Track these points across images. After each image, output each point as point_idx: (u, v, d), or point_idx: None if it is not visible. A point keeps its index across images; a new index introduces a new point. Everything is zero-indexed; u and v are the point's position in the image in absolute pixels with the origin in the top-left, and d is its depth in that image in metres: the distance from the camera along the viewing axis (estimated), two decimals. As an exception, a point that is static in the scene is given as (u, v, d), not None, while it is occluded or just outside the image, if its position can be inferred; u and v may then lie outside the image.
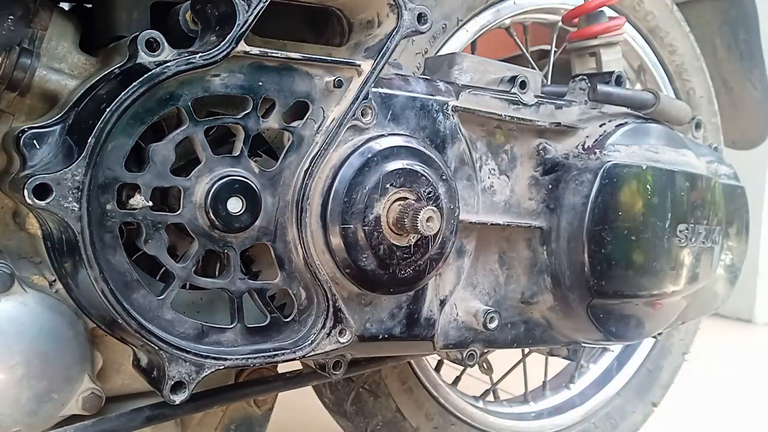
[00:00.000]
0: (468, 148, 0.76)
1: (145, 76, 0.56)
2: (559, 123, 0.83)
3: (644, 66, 1.26)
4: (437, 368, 1.13)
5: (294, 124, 0.66)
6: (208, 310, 0.71)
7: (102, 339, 0.68)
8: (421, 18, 0.69)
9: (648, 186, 0.84)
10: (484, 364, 1.16)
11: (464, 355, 0.81)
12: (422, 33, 0.71)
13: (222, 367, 0.62)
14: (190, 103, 0.60)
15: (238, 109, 0.64)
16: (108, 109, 0.55)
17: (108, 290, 0.57)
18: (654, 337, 1.12)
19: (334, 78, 0.66)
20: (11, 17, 0.60)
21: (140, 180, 0.59)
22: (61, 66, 0.64)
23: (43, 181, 0.54)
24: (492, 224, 0.79)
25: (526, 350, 1.22)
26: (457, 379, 1.20)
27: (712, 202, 0.93)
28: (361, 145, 0.67)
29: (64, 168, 0.54)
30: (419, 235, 0.67)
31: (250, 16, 0.60)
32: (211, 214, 0.61)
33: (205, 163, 0.61)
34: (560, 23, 1.13)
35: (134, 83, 0.56)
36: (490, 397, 1.23)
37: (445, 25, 0.96)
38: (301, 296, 0.68)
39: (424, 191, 0.68)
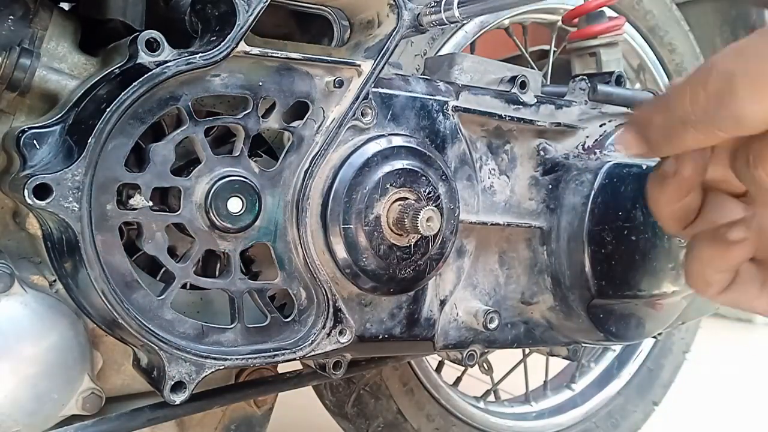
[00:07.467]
0: (468, 148, 0.76)
1: (145, 76, 0.56)
2: (560, 123, 0.83)
3: (644, 65, 1.26)
4: (438, 369, 1.13)
5: (294, 124, 0.66)
6: (208, 310, 0.71)
7: (102, 339, 0.68)
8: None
9: (648, 186, 0.84)
10: (485, 365, 1.16)
11: (464, 356, 0.81)
12: (422, 33, 0.71)
13: (222, 367, 0.62)
14: (190, 103, 0.60)
15: (238, 109, 0.64)
16: (108, 109, 0.55)
17: (108, 290, 0.57)
18: (654, 337, 1.12)
19: (334, 78, 0.66)
20: (11, 17, 0.60)
21: (140, 180, 0.59)
22: (61, 66, 0.64)
23: (43, 181, 0.54)
24: (492, 224, 0.79)
25: (527, 350, 1.22)
26: (458, 379, 1.20)
27: (712, 202, 0.93)
28: (361, 145, 0.67)
29: (64, 168, 0.54)
30: (419, 235, 0.67)
31: (250, 16, 0.60)
32: (211, 214, 0.61)
33: (205, 163, 0.61)
34: (560, 23, 1.13)
35: (134, 83, 0.56)
36: (491, 398, 1.23)
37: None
38: (301, 296, 0.68)
39: (424, 191, 0.68)
